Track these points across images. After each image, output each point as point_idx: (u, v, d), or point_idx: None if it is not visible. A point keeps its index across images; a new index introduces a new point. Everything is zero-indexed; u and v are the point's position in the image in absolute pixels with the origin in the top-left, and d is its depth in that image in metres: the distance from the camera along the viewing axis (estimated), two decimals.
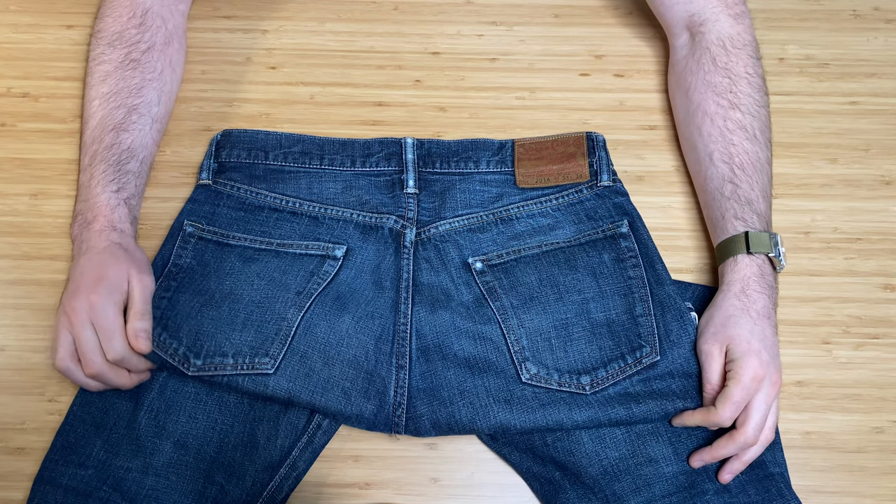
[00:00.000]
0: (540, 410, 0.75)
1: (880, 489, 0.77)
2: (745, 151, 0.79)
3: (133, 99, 0.81)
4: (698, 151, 0.82)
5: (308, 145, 0.85)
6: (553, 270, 0.80)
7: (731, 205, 0.78)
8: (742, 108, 0.80)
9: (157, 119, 0.83)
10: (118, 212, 0.77)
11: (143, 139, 0.81)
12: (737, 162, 0.78)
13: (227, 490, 0.75)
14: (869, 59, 0.92)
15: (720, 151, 0.79)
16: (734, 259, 0.76)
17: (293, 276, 0.79)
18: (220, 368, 0.75)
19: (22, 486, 0.77)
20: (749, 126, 0.79)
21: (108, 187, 0.77)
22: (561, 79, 0.91)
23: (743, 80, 0.80)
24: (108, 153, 0.79)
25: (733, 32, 0.82)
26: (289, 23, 0.93)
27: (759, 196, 0.78)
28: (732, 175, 0.78)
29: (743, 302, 0.74)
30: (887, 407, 0.80)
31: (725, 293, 0.75)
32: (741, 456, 0.73)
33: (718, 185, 0.79)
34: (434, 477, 0.78)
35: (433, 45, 0.92)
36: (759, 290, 0.74)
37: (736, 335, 0.73)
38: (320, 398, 0.75)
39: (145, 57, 0.83)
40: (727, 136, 0.79)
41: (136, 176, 0.79)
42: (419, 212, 0.83)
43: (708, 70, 0.82)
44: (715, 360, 0.74)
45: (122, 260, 0.74)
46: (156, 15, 0.84)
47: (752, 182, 0.78)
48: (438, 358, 0.77)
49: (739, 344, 0.72)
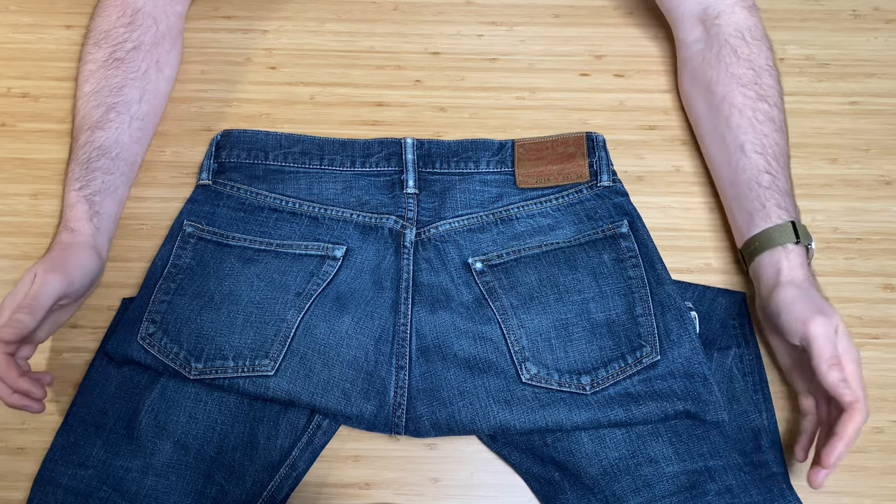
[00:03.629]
0: (540, 411, 0.75)
1: (880, 489, 0.77)
2: (775, 143, 0.78)
3: (112, 97, 0.81)
4: (727, 143, 0.81)
5: (308, 145, 0.85)
6: (553, 270, 0.80)
7: (772, 195, 0.77)
8: (769, 101, 0.79)
9: (137, 117, 0.82)
10: (75, 210, 0.77)
11: (118, 136, 0.80)
12: (770, 153, 0.78)
13: (227, 490, 0.75)
14: (869, 59, 0.92)
15: (752, 143, 0.79)
16: (784, 248, 0.75)
17: (293, 276, 0.79)
18: (220, 371, 0.75)
19: (22, 486, 0.77)
20: (776, 118, 0.79)
21: (72, 185, 0.78)
22: (561, 79, 0.91)
23: (766, 73, 0.80)
24: (80, 152, 0.79)
25: (750, 24, 0.82)
26: (289, 23, 0.93)
27: (791, 189, 0.78)
28: (768, 166, 0.78)
29: (815, 286, 0.73)
30: (887, 407, 0.80)
31: (795, 282, 0.73)
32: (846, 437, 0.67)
33: (754, 175, 0.78)
34: (434, 477, 0.78)
35: (433, 45, 0.92)
36: (811, 276, 0.74)
37: (834, 320, 0.70)
38: (320, 399, 0.75)
39: (130, 56, 0.83)
40: (757, 128, 0.79)
41: (104, 172, 0.79)
42: (419, 212, 0.83)
43: (731, 62, 0.81)
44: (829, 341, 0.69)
45: (42, 262, 0.73)
46: (147, 15, 0.84)
47: (785, 174, 0.78)
48: (438, 358, 0.77)
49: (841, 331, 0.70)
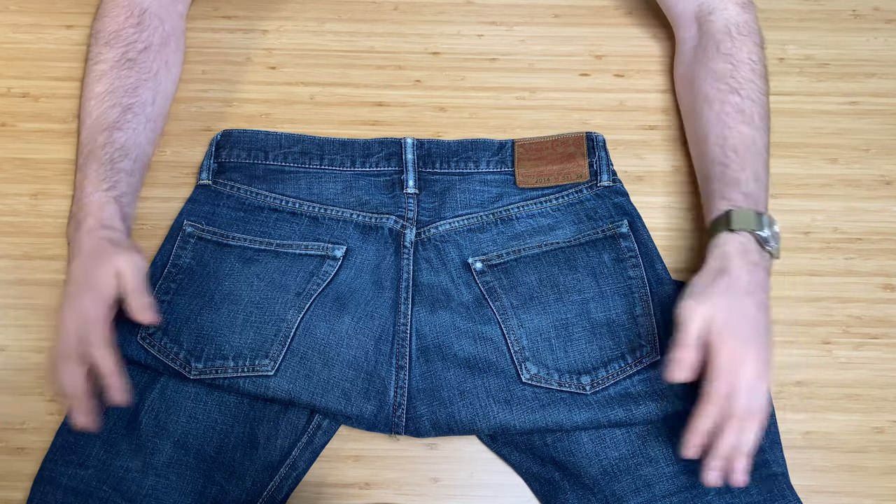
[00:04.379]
0: (540, 411, 0.75)
1: (880, 489, 0.77)
2: (739, 134, 0.77)
3: (128, 98, 0.81)
4: (697, 137, 0.81)
5: (308, 145, 0.85)
6: (553, 270, 0.80)
7: (718, 186, 0.76)
8: (741, 93, 0.78)
9: (151, 119, 0.82)
10: (107, 210, 0.76)
11: (136, 138, 0.80)
12: (729, 144, 0.77)
13: (227, 490, 0.75)
14: (869, 59, 0.92)
15: (715, 135, 0.78)
16: (716, 237, 0.73)
17: (293, 276, 0.79)
18: (220, 371, 0.75)
19: (22, 486, 0.77)
20: (747, 110, 0.78)
21: (99, 186, 0.77)
22: (561, 79, 0.91)
23: (745, 66, 0.80)
24: (101, 152, 0.78)
25: (741, 20, 0.81)
26: (289, 23, 0.93)
27: (749, 177, 0.75)
28: (724, 157, 0.77)
29: (723, 278, 0.70)
30: (887, 407, 0.80)
31: (704, 271, 0.72)
32: (742, 447, 0.68)
33: (710, 167, 0.78)
34: (434, 477, 0.78)
35: (433, 45, 0.92)
36: (740, 265, 0.71)
37: (712, 313, 0.69)
38: (320, 399, 0.75)
39: (141, 57, 0.82)
40: (723, 120, 0.78)
41: (128, 174, 0.79)
42: (419, 212, 0.83)
43: (711, 57, 0.81)
44: (695, 323, 0.69)
45: (107, 255, 0.73)
46: (153, 15, 0.84)
47: (743, 164, 0.75)
48: (438, 358, 0.77)
49: (716, 321, 0.69)
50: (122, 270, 0.72)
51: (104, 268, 0.72)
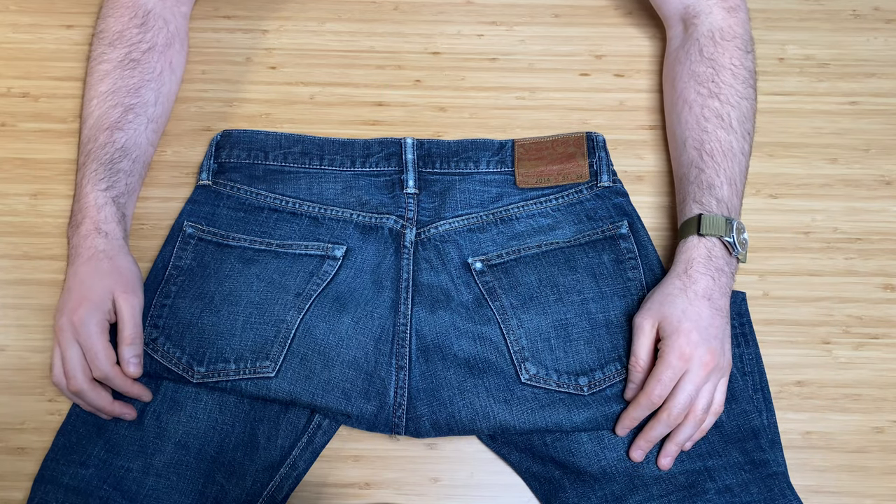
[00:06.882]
0: (539, 411, 0.75)
1: (880, 489, 0.77)
2: (717, 139, 0.78)
3: (130, 98, 0.81)
4: (676, 139, 0.82)
5: (308, 145, 0.85)
6: (553, 271, 0.80)
7: (692, 189, 0.77)
8: (721, 98, 0.79)
9: (152, 119, 0.82)
10: (105, 211, 0.77)
11: (137, 138, 0.80)
12: (706, 149, 0.78)
13: (227, 490, 0.75)
14: (869, 59, 0.92)
15: (693, 138, 0.79)
16: (685, 240, 0.76)
17: (293, 277, 0.79)
18: (223, 374, 0.75)
19: (22, 486, 0.77)
20: (726, 115, 0.79)
21: (98, 186, 0.77)
22: (561, 79, 0.91)
23: (726, 71, 0.80)
24: (101, 152, 0.79)
25: (724, 25, 0.82)
26: (289, 23, 0.93)
27: (723, 182, 0.77)
28: (700, 160, 0.78)
29: (683, 282, 0.73)
30: (887, 407, 0.80)
31: (669, 273, 0.75)
32: (675, 437, 0.73)
33: (686, 170, 0.79)
34: (434, 477, 0.78)
35: (433, 45, 0.92)
36: (702, 271, 0.74)
37: (668, 314, 0.72)
38: (321, 399, 0.75)
39: (145, 57, 0.82)
40: (702, 124, 0.79)
41: (126, 174, 0.79)
42: (419, 212, 0.83)
43: (694, 60, 0.82)
44: (645, 335, 0.74)
45: (105, 275, 0.74)
46: (157, 16, 0.84)
47: (718, 168, 0.77)
48: (438, 358, 0.77)
49: (670, 322, 0.72)
50: (120, 307, 0.74)
51: (103, 286, 0.74)
